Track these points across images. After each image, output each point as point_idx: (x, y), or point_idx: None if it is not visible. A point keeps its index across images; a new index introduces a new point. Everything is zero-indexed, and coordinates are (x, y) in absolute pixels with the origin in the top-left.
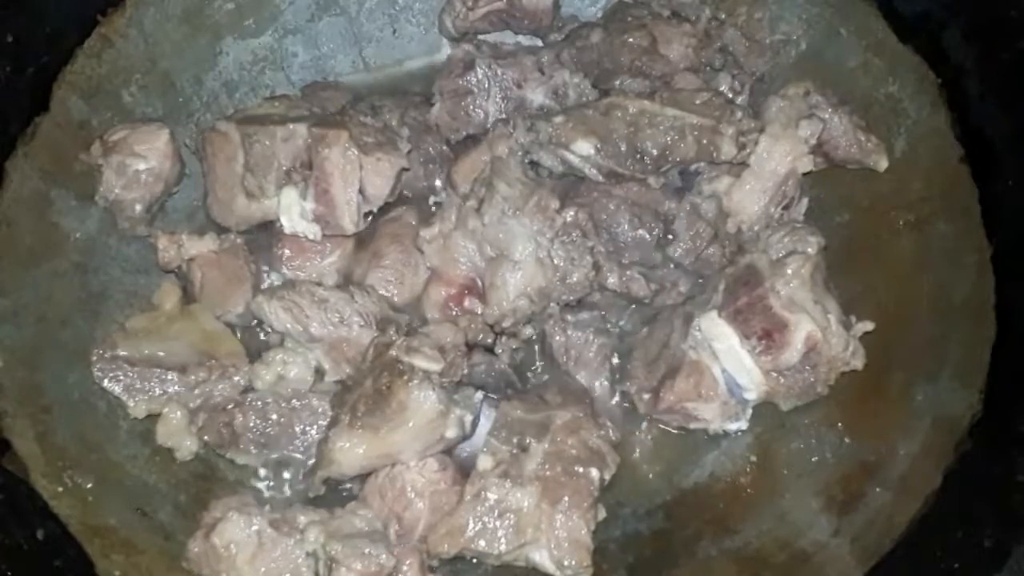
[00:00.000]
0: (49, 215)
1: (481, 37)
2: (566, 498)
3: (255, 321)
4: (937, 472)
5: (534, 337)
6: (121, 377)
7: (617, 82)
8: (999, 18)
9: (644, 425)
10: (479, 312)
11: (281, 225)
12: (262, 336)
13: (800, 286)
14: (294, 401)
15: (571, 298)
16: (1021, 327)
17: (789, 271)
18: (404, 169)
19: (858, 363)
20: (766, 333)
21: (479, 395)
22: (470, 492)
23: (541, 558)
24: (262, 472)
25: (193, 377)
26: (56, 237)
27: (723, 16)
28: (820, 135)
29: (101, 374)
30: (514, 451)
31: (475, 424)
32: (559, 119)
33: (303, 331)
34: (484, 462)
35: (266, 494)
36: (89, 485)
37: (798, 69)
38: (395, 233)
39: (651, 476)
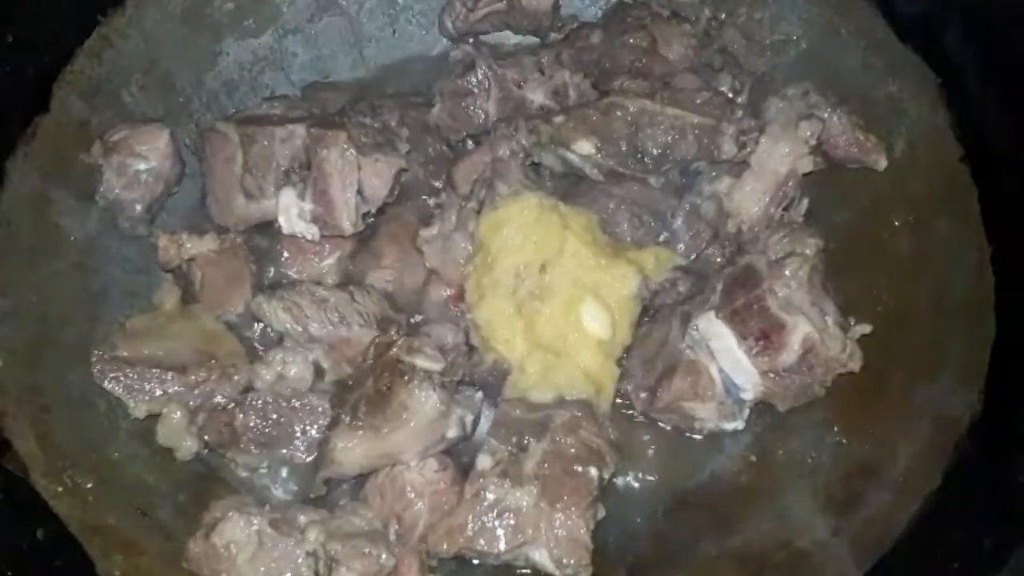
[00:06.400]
0: (49, 215)
1: (481, 37)
2: (565, 497)
3: (255, 321)
4: (937, 472)
5: None
6: (121, 378)
7: (617, 83)
8: (999, 18)
9: (643, 425)
10: None
11: (280, 225)
12: (262, 336)
13: (798, 288)
14: (294, 401)
15: None
16: (1021, 327)
17: (787, 272)
18: (403, 170)
19: (855, 365)
20: (763, 334)
21: (479, 395)
22: (470, 492)
23: (540, 557)
24: (262, 472)
25: (193, 377)
26: (56, 237)
27: (723, 16)
28: (819, 135)
29: (101, 374)
30: (513, 450)
31: (475, 424)
32: (559, 119)
33: (303, 331)
34: (484, 462)
35: (266, 494)
36: (89, 485)
37: (798, 69)
38: (395, 233)
39: (651, 476)
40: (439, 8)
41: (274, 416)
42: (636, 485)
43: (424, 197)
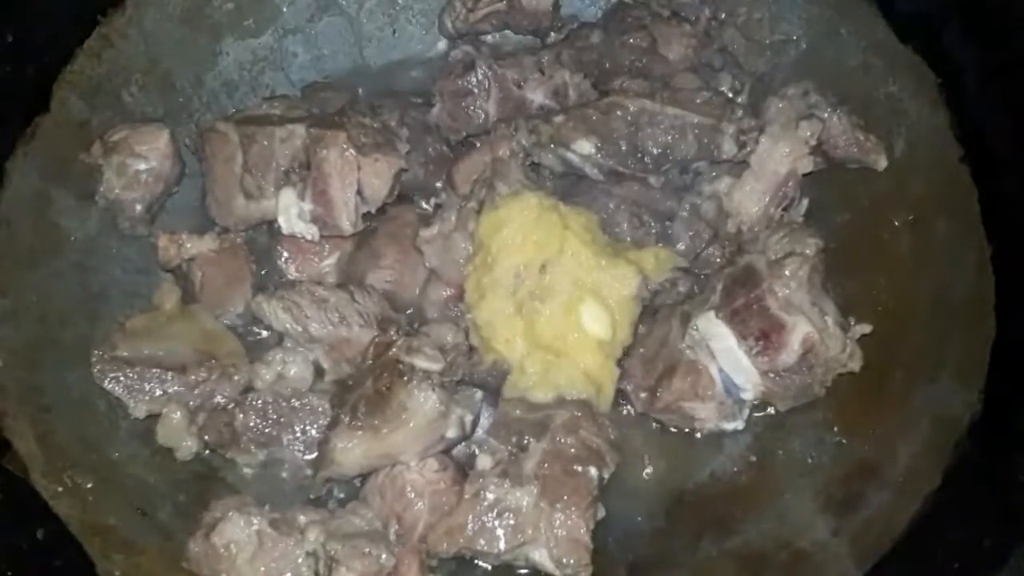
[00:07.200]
0: (49, 215)
1: (481, 37)
2: (565, 497)
3: (255, 321)
4: (937, 472)
5: None
6: (121, 378)
7: (617, 83)
8: (998, 18)
9: (643, 424)
10: None
11: (280, 225)
12: (262, 336)
13: (798, 288)
14: (294, 401)
15: None
16: (1021, 327)
17: (787, 272)
18: (402, 170)
19: (855, 365)
20: (763, 334)
21: (479, 395)
22: (469, 492)
23: (540, 557)
24: (262, 472)
25: (193, 377)
26: (56, 237)
27: (723, 16)
28: (819, 135)
29: (101, 374)
30: (513, 450)
31: (475, 424)
32: (560, 119)
33: (303, 331)
34: (483, 461)
35: (266, 494)
36: (89, 485)
37: (798, 69)
38: (395, 233)
39: (651, 476)
40: (439, 8)
41: (274, 416)
42: (636, 485)
43: (424, 197)
